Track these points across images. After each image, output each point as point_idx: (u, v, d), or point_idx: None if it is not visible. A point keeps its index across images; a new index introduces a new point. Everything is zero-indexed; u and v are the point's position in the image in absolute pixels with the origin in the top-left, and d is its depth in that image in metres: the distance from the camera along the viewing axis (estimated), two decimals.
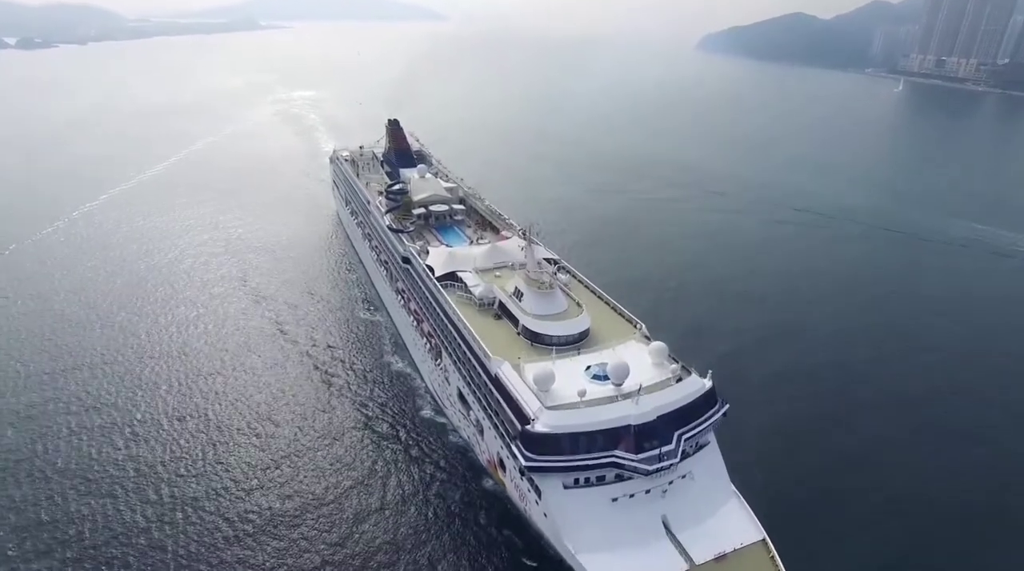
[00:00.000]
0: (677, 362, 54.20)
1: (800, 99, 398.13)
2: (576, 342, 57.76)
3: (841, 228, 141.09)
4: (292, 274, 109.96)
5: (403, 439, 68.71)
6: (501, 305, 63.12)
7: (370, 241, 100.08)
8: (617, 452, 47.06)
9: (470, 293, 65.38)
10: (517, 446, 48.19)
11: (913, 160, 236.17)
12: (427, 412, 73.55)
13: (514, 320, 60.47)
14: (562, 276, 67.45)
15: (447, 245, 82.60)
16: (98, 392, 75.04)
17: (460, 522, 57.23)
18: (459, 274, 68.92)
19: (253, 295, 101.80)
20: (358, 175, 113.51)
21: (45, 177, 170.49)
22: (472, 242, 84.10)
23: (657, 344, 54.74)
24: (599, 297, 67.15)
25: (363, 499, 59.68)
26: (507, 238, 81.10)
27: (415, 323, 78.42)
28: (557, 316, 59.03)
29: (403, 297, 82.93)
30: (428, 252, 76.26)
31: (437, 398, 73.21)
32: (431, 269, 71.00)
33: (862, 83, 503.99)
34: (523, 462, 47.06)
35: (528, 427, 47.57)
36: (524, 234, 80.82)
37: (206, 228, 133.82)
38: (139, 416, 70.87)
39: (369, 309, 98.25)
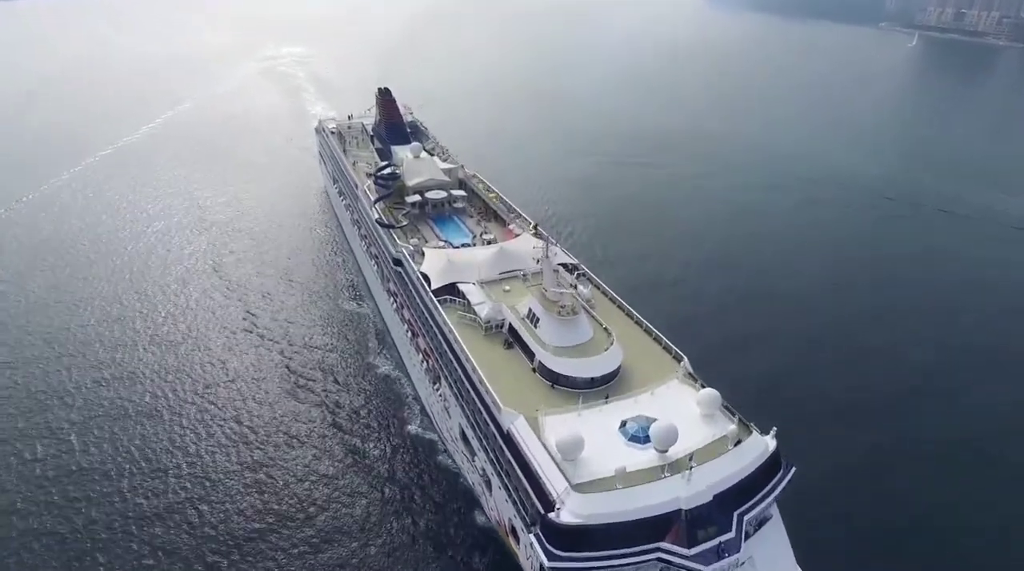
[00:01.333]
0: (733, 414, 43.79)
1: (810, 54, 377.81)
2: (606, 383, 47.20)
3: (867, 206, 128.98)
4: (270, 257, 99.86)
5: (387, 457, 60.95)
6: (512, 330, 52.23)
7: (359, 229, 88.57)
8: (664, 545, 36.97)
9: (474, 314, 54.41)
10: (537, 536, 38.04)
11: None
12: (414, 427, 65.16)
13: (528, 352, 49.71)
14: (583, 288, 56.40)
15: (446, 242, 71.27)
16: (28, 393, 68.26)
17: (449, 561, 50.42)
18: (460, 287, 57.82)
19: (224, 283, 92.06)
20: (345, 152, 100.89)
21: (17, 143, 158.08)
22: (475, 237, 72.80)
23: (708, 392, 44.06)
24: (628, 315, 56.25)
25: (336, 522, 53.35)
26: (516, 235, 69.68)
27: (409, 334, 67.79)
28: (582, 349, 48.20)
29: (395, 301, 72.04)
30: (423, 254, 65.01)
31: (434, 423, 63.20)
32: (427, 279, 59.82)
33: (875, 38, 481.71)
34: (545, 560, 36.95)
35: (552, 515, 37.30)
36: (536, 230, 70.00)
37: (178, 203, 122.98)
38: (74, 417, 64.64)
39: (355, 297, 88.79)
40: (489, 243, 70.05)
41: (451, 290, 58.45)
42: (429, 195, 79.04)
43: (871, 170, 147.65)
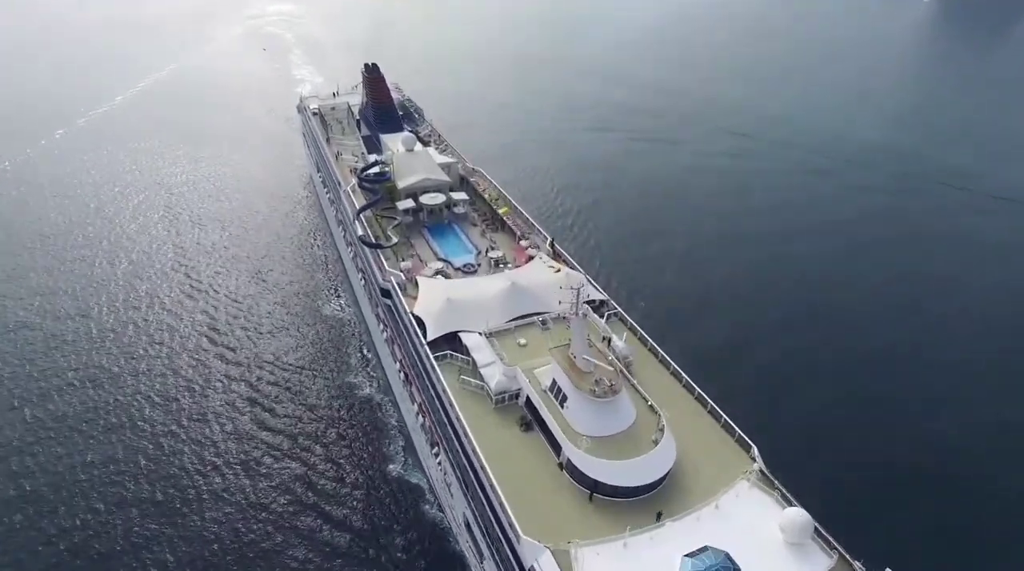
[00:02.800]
0: (831, 546, 32.61)
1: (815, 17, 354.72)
2: (656, 486, 35.93)
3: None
4: (243, 251, 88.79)
5: (364, 506, 52.52)
6: (531, 406, 40.66)
7: (344, 233, 76.39)
8: None
9: (482, 381, 42.72)
10: None
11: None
12: (397, 467, 56.10)
13: (552, 440, 38.25)
14: (619, 342, 44.65)
15: (445, 261, 59.15)
16: None
17: None
18: (463, 338, 46.01)
19: (187, 284, 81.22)
20: (328, 140, 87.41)
21: None
22: (480, 253, 60.61)
23: (796, 515, 32.63)
24: (674, 374, 44.58)
25: None
26: (528, 255, 57.42)
27: (401, 375, 56.40)
28: (624, 442, 36.66)
29: (385, 330, 60.49)
30: (417, 284, 53.07)
31: (431, 483, 52.54)
32: (420, 324, 47.94)
33: None
34: None
35: None
36: (553, 248, 57.91)
37: (146, 186, 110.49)
38: None
39: (337, 300, 78.75)
40: (497, 264, 58.21)
41: (452, 340, 46.74)
42: (424, 200, 66.42)
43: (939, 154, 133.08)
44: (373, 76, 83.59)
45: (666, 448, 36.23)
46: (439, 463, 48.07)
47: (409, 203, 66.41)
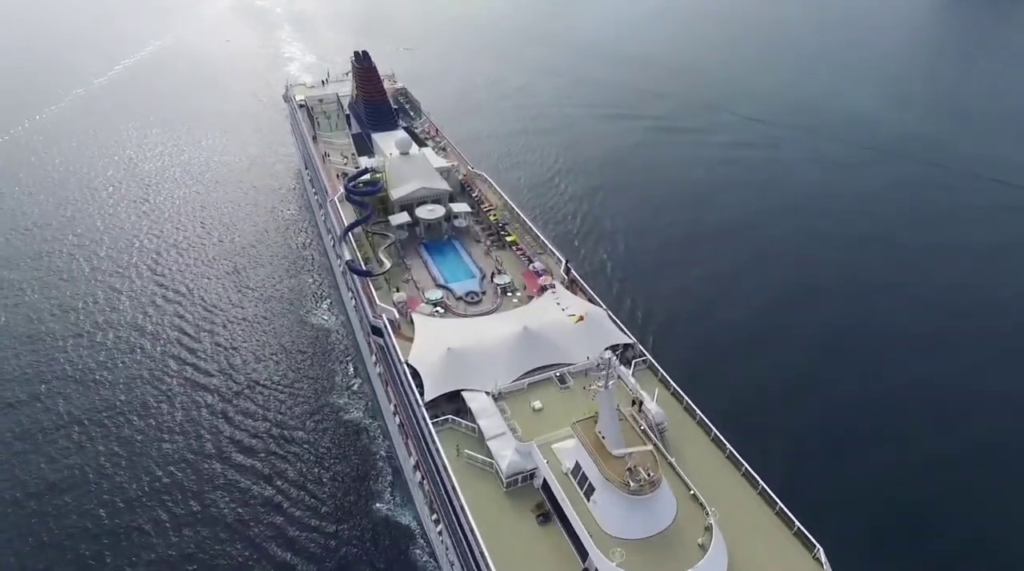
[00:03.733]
0: None
1: None
2: None
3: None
4: (223, 252, 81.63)
5: (344, 549, 46.60)
6: (548, 492, 33.96)
7: (332, 239, 69.19)
8: None
9: (491, 459, 35.94)
10: None
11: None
12: (384, 506, 50.03)
13: (577, 542, 31.64)
14: (651, 406, 37.78)
15: (444, 288, 52.07)
16: None
17: None
18: (466, 396, 39.20)
19: (158, 290, 74.32)
20: (315, 138, 79.37)
21: None
22: (485, 278, 53.43)
23: None
24: (716, 442, 37.86)
25: None
26: (541, 284, 50.23)
27: (396, 418, 49.79)
28: (662, 550, 30.17)
29: (377, 364, 53.69)
30: (412, 321, 46.14)
31: (431, 545, 46.36)
32: (416, 377, 41.02)
33: None
34: None
35: None
36: (569, 272, 50.90)
37: (118, 178, 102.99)
38: None
39: (323, 306, 71.94)
40: (505, 291, 51.16)
41: (454, 401, 39.95)
42: (422, 213, 58.99)
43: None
44: (364, 67, 75.38)
45: (715, 557, 29.68)
46: (439, 532, 41.71)
47: (404, 217, 59.02)
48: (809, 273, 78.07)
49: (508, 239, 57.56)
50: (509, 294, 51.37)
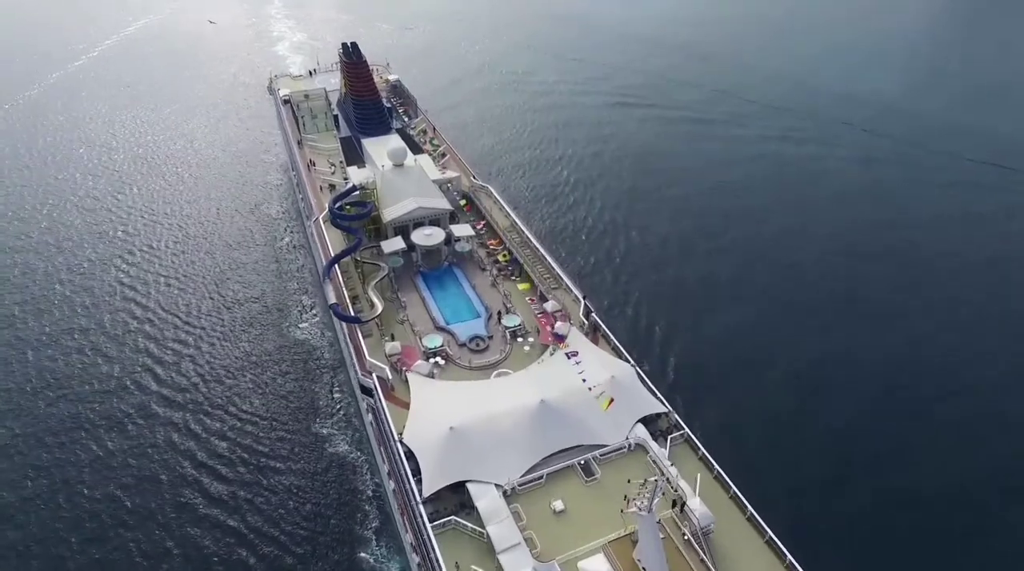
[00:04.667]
0: None
1: None
2: None
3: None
4: (199, 256, 73.65)
5: None
6: None
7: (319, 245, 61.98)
8: None
9: None
10: None
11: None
12: (370, 555, 43.57)
13: None
14: (695, 506, 31.08)
15: (446, 331, 45.31)
16: None
17: None
18: (472, 491, 32.55)
19: (127, 293, 67.00)
20: (300, 142, 71.49)
21: None
22: (491, 317, 46.53)
23: None
24: (770, 544, 31.29)
25: None
26: (557, 334, 43.10)
27: (392, 487, 43.31)
28: None
29: (369, 410, 47.02)
30: (407, 380, 39.37)
31: None
32: (412, 459, 34.35)
33: None
34: None
35: None
36: (587, 317, 44.07)
37: (92, 169, 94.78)
38: None
39: (309, 318, 64.05)
40: (514, 336, 44.40)
41: (458, 487, 33.35)
42: (419, 239, 51.74)
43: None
44: (353, 62, 67.21)
45: None
46: None
47: (398, 243, 51.86)
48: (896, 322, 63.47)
49: (520, 288, 49.89)
50: (520, 340, 44.58)
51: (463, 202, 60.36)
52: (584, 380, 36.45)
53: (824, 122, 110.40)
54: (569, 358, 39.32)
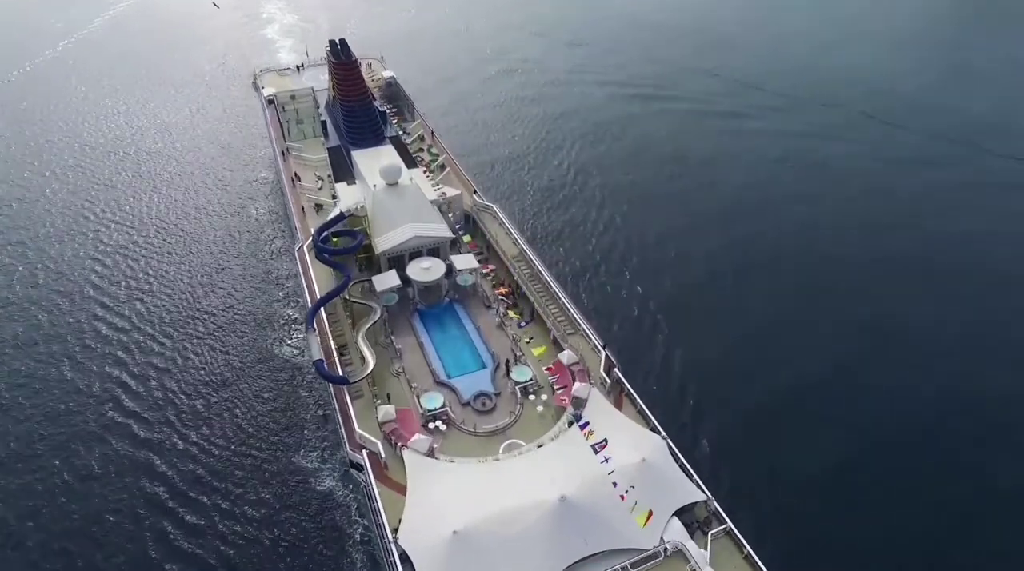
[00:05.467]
0: None
1: None
2: None
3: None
4: (179, 270, 66.45)
5: None
6: None
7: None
8: None
9: None
10: None
11: None
12: None
13: None
14: None
15: (445, 384, 39.94)
16: None
17: None
18: None
19: (96, 322, 59.64)
20: (286, 151, 65.00)
21: None
22: (499, 368, 41.04)
23: None
24: None
25: None
26: (576, 394, 37.47)
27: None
28: None
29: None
30: (403, 457, 33.94)
31: None
32: (407, 565, 29.07)
33: None
34: None
35: None
36: (608, 373, 38.73)
37: (60, 168, 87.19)
38: None
39: (297, 333, 57.26)
40: (524, 391, 39.03)
41: None
42: (415, 274, 45.93)
43: None
44: (342, 63, 60.40)
45: None
46: None
47: (392, 279, 46.08)
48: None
49: (535, 353, 42.90)
50: (531, 397, 39.12)
51: (462, 232, 54.12)
52: (611, 471, 30.92)
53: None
54: (581, 403, 34.93)
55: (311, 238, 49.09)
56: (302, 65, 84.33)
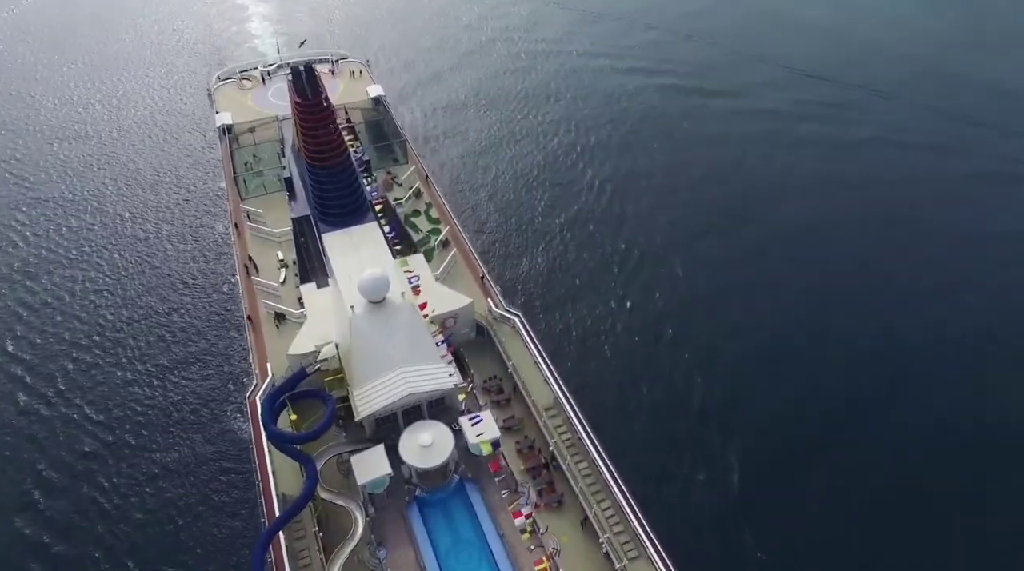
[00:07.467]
0: None
1: None
2: None
3: None
4: (121, 313, 53.07)
5: None
6: None
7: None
8: None
9: None
10: None
11: None
12: None
13: None
14: None
15: None
16: None
17: None
18: None
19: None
20: (240, 225, 49.82)
21: None
22: None
23: None
24: None
25: None
26: None
27: None
28: None
29: None
30: None
31: None
32: None
33: None
34: None
35: None
36: None
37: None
38: None
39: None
40: None
41: None
42: (410, 457, 32.58)
43: None
44: (308, 103, 43.41)
45: None
46: None
47: (380, 464, 32.53)
48: None
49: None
50: None
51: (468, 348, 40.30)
52: None
53: None
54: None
55: (267, 384, 35.40)
56: (270, 71, 68.05)
